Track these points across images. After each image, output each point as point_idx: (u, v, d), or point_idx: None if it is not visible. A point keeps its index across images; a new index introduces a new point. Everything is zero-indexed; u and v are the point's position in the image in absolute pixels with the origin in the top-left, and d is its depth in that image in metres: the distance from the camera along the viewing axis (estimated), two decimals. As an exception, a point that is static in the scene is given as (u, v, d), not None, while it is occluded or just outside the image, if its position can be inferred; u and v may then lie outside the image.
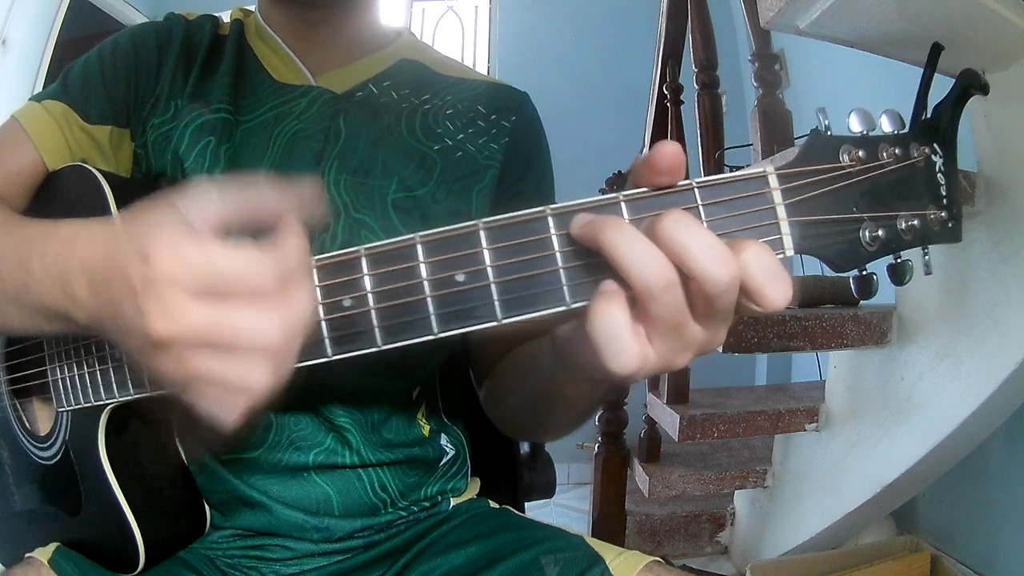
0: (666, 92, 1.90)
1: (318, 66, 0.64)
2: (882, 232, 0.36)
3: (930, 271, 0.39)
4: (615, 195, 0.35)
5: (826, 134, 0.36)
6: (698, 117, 1.67)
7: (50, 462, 0.56)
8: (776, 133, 1.50)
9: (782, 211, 0.35)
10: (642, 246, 0.32)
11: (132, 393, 0.46)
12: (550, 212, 0.35)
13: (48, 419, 0.57)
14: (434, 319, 0.36)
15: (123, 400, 0.47)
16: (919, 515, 1.69)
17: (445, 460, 0.66)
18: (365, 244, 0.37)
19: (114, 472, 0.50)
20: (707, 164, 1.65)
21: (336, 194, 0.59)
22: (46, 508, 0.58)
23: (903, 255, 0.37)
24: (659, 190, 0.35)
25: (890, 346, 1.38)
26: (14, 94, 2.35)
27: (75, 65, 0.62)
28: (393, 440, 0.61)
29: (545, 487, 0.88)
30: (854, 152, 0.36)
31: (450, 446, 0.66)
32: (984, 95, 0.38)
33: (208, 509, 0.58)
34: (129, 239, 0.33)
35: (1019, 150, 1.02)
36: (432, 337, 0.36)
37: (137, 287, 0.32)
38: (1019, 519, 1.42)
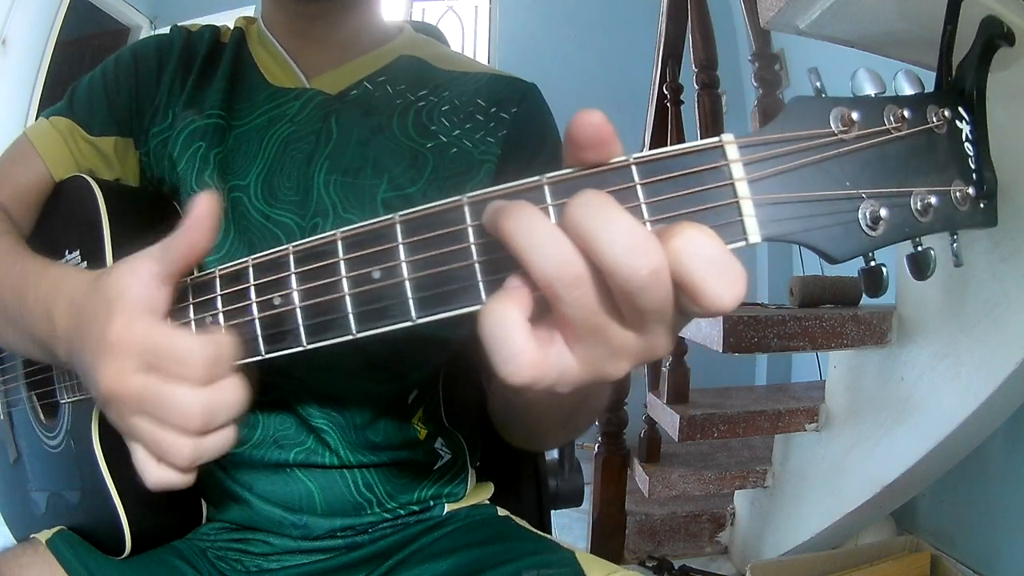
0: (666, 92, 1.90)
1: (314, 67, 0.64)
2: (888, 212, 0.29)
3: (961, 262, 0.32)
4: (538, 178, 0.30)
5: (817, 97, 0.30)
6: (698, 117, 1.67)
7: (56, 449, 0.59)
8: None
9: (743, 188, 0.28)
10: (545, 235, 0.27)
11: None
12: (467, 200, 0.31)
13: (57, 410, 0.60)
14: (352, 318, 0.34)
15: None
16: (919, 515, 1.69)
17: (440, 464, 0.65)
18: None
19: (106, 461, 0.51)
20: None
21: (326, 194, 0.59)
22: (55, 493, 0.61)
23: (924, 243, 0.31)
24: (590, 168, 0.29)
25: (890, 346, 1.38)
26: (14, 94, 2.35)
27: (81, 81, 0.66)
28: (380, 442, 0.60)
29: (572, 495, 0.84)
30: (848, 115, 0.29)
31: (446, 450, 0.65)
32: (1010, 45, 0.31)
33: (204, 502, 0.60)
34: (100, 299, 0.38)
35: (1019, 150, 1.02)
36: (351, 337, 0.34)
37: (97, 344, 0.37)
38: (1019, 519, 1.42)
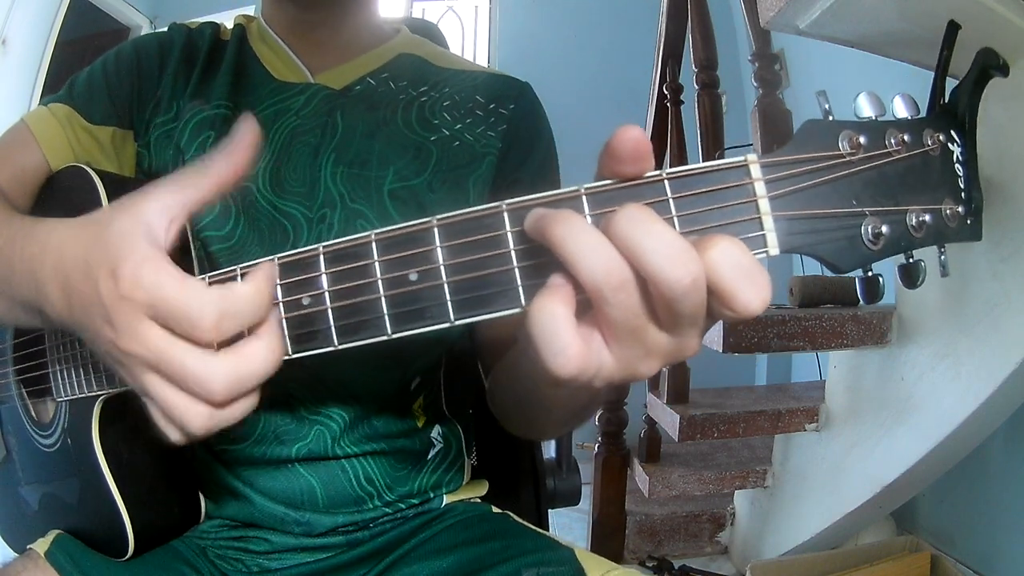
0: (666, 92, 1.90)
1: (317, 64, 0.65)
2: (887, 228, 0.32)
3: (947, 272, 0.35)
4: (576, 188, 0.32)
5: (826, 120, 0.33)
6: (698, 117, 1.67)
7: (51, 449, 0.58)
8: (776, 133, 1.50)
9: (765, 204, 0.31)
10: (592, 242, 0.29)
11: (118, 387, 0.47)
12: (506, 208, 0.32)
13: (50, 408, 0.59)
14: (388, 319, 0.34)
15: (112, 392, 0.48)
16: (919, 515, 1.69)
17: (433, 452, 0.65)
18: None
19: (106, 460, 0.51)
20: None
21: (333, 186, 0.60)
22: (49, 493, 0.60)
23: (915, 255, 0.33)
24: (626, 182, 0.32)
25: (890, 346, 1.38)
26: (14, 94, 2.35)
27: (81, 73, 0.66)
28: (382, 430, 0.61)
29: (570, 494, 0.85)
30: (855, 139, 0.32)
31: (439, 438, 0.66)
32: (1004, 76, 0.34)
33: (203, 499, 0.60)
34: (101, 251, 0.35)
35: (1019, 150, 1.02)
36: (386, 338, 0.34)
37: (106, 302, 0.34)
38: (1019, 519, 1.42)
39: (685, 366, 1.71)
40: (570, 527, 2.00)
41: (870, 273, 0.33)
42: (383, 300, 0.34)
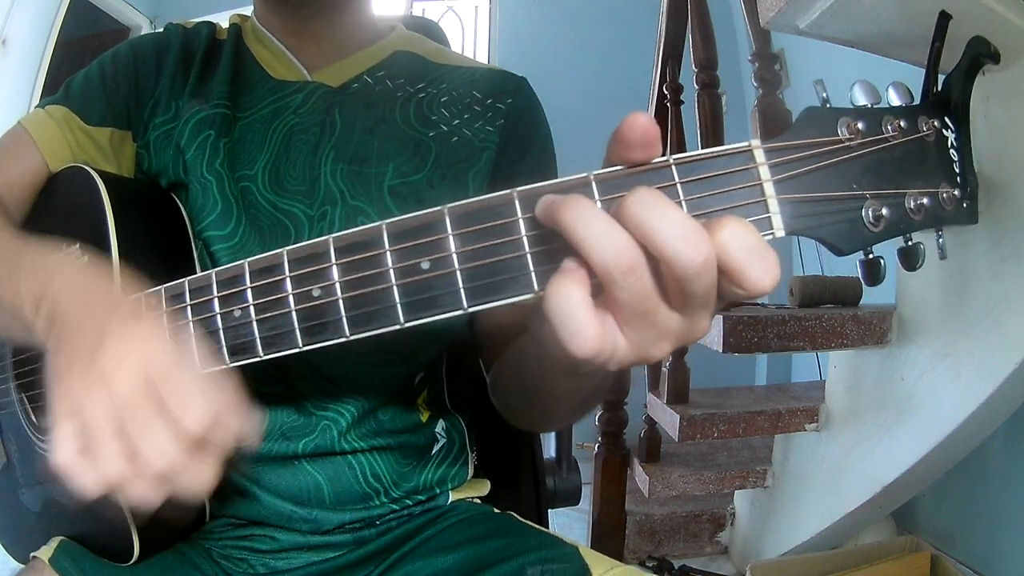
0: (666, 92, 1.90)
1: (314, 62, 0.66)
2: (887, 211, 0.33)
3: (945, 255, 0.36)
4: (585, 174, 0.33)
5: (824, 107, 0.34)
6: (698, 117, 1.67)
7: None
8: (776, 133, 1.49)
9: (770, 188, 0.32)
10: (603, 226, 0.29)
11: None
12: (517, 195, 0.33)
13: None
14: (400, 308, 0.34)
15: None
16: (919, 515, 1.69)
17: (437, 447, 0.65)
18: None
19: None
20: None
21: (333, 183, 0.60)
22: (51, 499, 0.59)
23: (914, 238, 0.34)
24: (633, 167, 0.32)
25: (890, 346, 1.38)
26: (14, 94, 2.35)
27: (77, 75, 0.66)
28: (387, 425, 0.61)
29: (570, 494, 0.85)
30: (853, 125, 0.33)
31: (443, 433, 0.66)
32: (995, 63, 0.35)
33: (206, 499, 0.59)
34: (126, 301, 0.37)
35: (1019, 150, 1.02)
36: (398, 327, 0.35)
37: (113, 324, 0.36)
38: (1019, 519, 1.42)
39: (685, 366, 1.71)
40: (570, 527, 2.00)
41: (871, 255, 0.34)
42: (395, 289, 0.34)
